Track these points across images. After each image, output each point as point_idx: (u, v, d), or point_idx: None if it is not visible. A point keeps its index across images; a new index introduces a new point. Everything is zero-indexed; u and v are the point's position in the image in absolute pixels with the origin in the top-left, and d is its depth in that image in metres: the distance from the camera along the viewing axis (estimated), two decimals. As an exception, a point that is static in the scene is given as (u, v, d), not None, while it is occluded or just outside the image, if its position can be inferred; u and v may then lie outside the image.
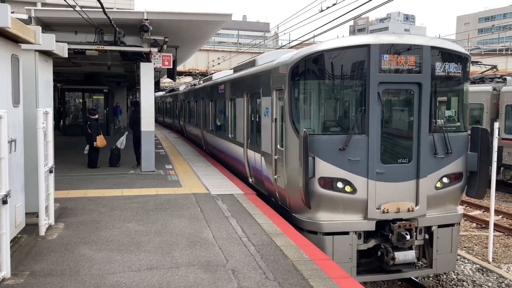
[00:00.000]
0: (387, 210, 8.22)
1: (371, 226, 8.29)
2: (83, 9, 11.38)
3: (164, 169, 14.62)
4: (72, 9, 11.05)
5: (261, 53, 37.12)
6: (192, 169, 14.75)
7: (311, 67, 8.45)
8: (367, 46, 8.11)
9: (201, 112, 20.32)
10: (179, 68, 34.76)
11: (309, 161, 7.96)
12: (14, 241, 6.89)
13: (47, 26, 13.51)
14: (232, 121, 14.10)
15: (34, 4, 30.03)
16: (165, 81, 49.83)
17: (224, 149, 15.29)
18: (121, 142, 15.26)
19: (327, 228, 8.17)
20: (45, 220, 7.61)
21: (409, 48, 8.28)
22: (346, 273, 6.09)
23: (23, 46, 7.35)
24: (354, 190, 8.15)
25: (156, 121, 45.75)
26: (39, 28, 7.27)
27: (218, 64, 39.30)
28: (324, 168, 8.07)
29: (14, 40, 6.79)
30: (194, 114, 22.87)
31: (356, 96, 8.39)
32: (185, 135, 27.69)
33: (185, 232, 7.76)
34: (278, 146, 9.34)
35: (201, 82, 22.67)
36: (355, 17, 15.62)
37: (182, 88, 31.52)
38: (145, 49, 13.77)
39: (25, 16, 11.99)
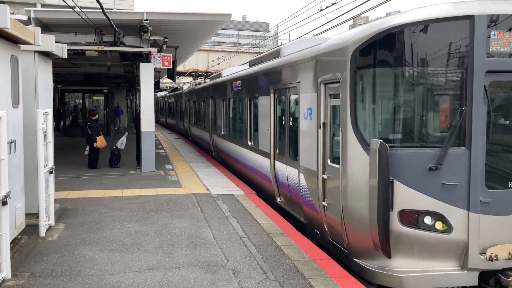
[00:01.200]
0: (496, 256, 5.78)
1: (472, 279, 5.85)
2: (82, 10, 11.38)
3: (164, 170, 14.62)
4: (71, 10, 11.05)
5: (261, 53, 36.94)
6: (192, 169, 14.76)
7: (386, 49, 6.01)
8: (470, 17, 5.68)
9: (210, 113, 17.84)
10: (179, 68, 34.79)
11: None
12: (14, 242, 6.88)
13: (47, 27, 13.52)
14: (253, 124, 11.75)
15: (34, 5, 30.07)
16: (165, 82, 49.87)
17: (242, 158, 12.87)
18: (121, 143, 15.28)
19: (411, 283, 5.78)
20: (45, 221, 7.61)
21: None
22: (346, 273, 6.08)
23: (23, 47, 7.35)
24: (448, 228, 5.76)
25: (158, 122, 45.53)
26: (39, 29, 7.27)
27: (218, 64, 39.29)
28: (407, 197, 5.73)
29: (13, 41, 6.78)
30: (201, 116, 20.38)
31: (453, 90, 6.06)
32: (190, 138, 25.38)
33: (186, 232, 7.75)
34: (329, 162, 6.95)
35: (207, 80, 22.02)
36: (355, 16, 15.61)
37: (186, 87, 29.96)
38: (145, 49, 13.78)
39: (24, 17, 12.00)
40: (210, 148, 18.35)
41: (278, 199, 9.83)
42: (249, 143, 11.96)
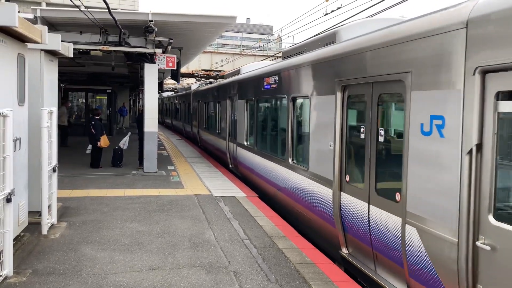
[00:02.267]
0: None
1: None
2: (88, 9, 11.43)
3: (167, 170, 14.65)
4: (77, 9, 11.10)
5: (265, 56, 36.74)
6: (194, 170, 14.78)
7: None
8: None
9: (227, 117, 15.10)
10: (182, 69, 34.86)
11: None
12: (17, 240, 6.90)
13: (52, 25, 13.58)
14: (297, 135, 8.89)
15: (39, 4, 30.16)
16: (168, 82, 49.96)
17: (276, 179, 9.80)
18: (124, 143, 15.34)
19: None
20: (48, 219, 7.64)
21: None
22: (347, 277, 6.08)
23: (29, 45, 7.38)
24: None
25: (163, 124, 44.99)
26: (45, 27, 7.30)
27: (221, 66, 39.39)
28: None
29: (21, 39, 6.81)
30: (215, 120, 17.64)
31: None
32: (199, 144, 22.58)
33: (187, 233, 7.77)
34: (491, 219, 3.98)
35: (218, 80, 20.19)
36: (359, 21, 15.63)
37: (195, 86, 27.64)
38: (150, 50, 13.84)
39: (31, 16, 12.07)
40: (225, 158, 15.51)
41: (344, 250, 6.75)
42: (290, 161, 8.98)
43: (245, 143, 12.58)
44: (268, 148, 10.88)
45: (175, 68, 14.81)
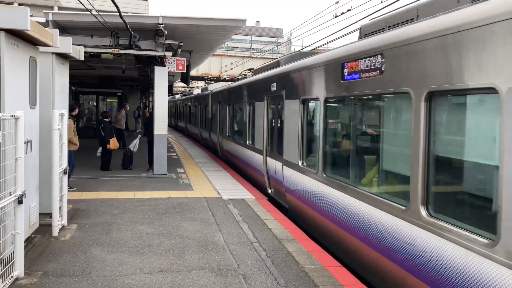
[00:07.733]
0: None
1: None
2: (99, 13, 11.52)
3: (176, 173, 14.69)
4: (89, 13, 11.19)
5: (274, 58, 36.77)
6: (204, 173, 14.80)
7: None
8: None
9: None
10: (192, 72, 34.95)
11: None
12: (28, 241, 6.95)
13: (64, 29, 13.70)
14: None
15: (51, 7, 30.47)
16: (178, 85, 50.10)
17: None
18: (134, 145, 15.41)
19: None
20: (59, 221, 7.69)
21: None
22: (358, 281, 6.04)
23: (41, 48, 7.45)
24: None
25: (209, 147, 23.79)
26: (57, 31, 7.37)
27: (231, 69, 39.43)
28: None
29: (33, 42, 6.88)
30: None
31: None
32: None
33: (197, 236, 7.78)
34: None
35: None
36: (369, 24, 15.56)
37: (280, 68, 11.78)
38: (160, 53, 13.90)
39: (43, 20, 12.19)
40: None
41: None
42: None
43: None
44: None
45: (185, 71, 14.87)
